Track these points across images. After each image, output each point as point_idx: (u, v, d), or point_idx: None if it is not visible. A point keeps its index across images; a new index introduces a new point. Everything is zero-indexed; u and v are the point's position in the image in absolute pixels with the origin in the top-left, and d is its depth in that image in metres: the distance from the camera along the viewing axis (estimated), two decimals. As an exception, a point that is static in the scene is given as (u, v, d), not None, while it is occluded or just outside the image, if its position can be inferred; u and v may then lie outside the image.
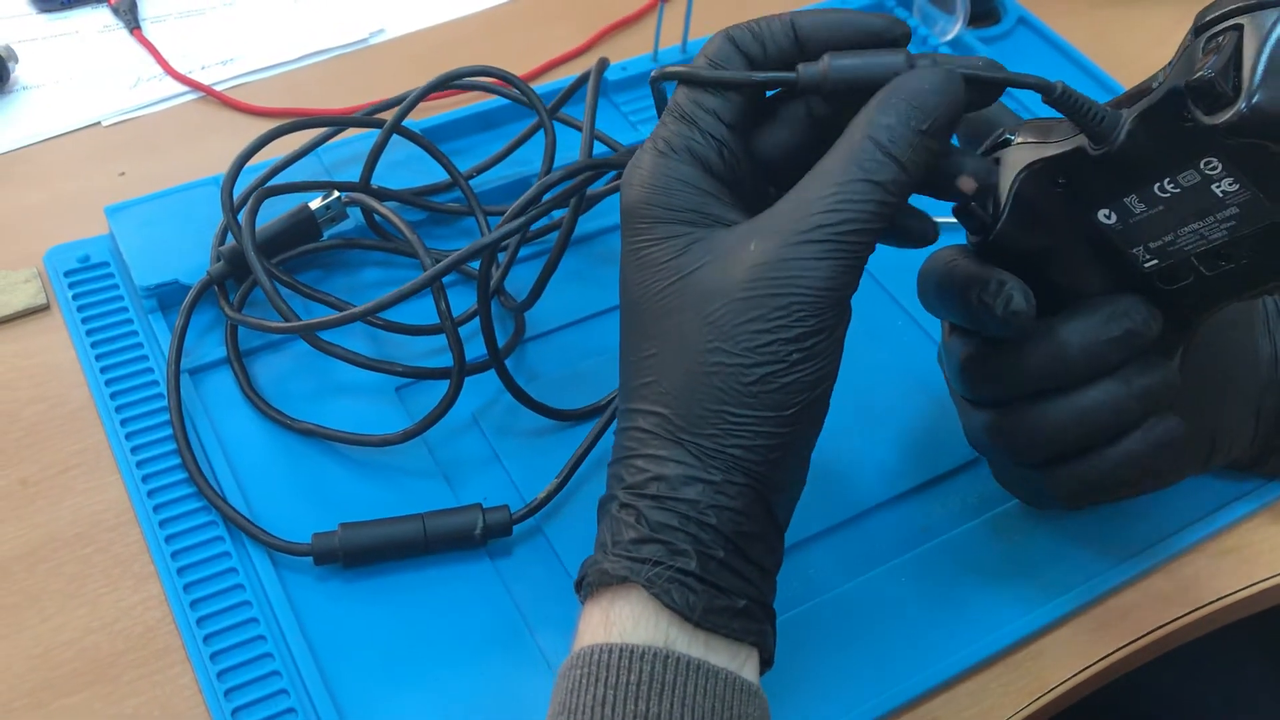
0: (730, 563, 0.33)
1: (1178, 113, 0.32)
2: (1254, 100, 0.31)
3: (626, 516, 0.33)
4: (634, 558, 0.32)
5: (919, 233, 0.37)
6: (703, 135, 0.35)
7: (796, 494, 0.35)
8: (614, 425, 0.36)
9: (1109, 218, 0.35)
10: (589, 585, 0.33)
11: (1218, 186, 0.33)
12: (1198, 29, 0.34)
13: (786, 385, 0.32)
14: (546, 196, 0.44)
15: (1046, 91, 0.33)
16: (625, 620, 0.32)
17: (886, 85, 0.33)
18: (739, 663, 0.33)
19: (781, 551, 0.35)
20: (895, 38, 0.35)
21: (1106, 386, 0.37)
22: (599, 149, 0.54)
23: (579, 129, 0.52)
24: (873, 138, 0.32)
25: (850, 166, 0.32)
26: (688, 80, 0.35)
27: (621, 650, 0.31)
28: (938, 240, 0.37)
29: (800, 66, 0.35)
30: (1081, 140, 0.35)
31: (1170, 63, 0.34)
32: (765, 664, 0.34)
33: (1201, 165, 0.33)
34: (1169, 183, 0.34)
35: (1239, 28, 0.32)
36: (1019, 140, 0.36)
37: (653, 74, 0.37)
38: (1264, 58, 0.31)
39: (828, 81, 0.34)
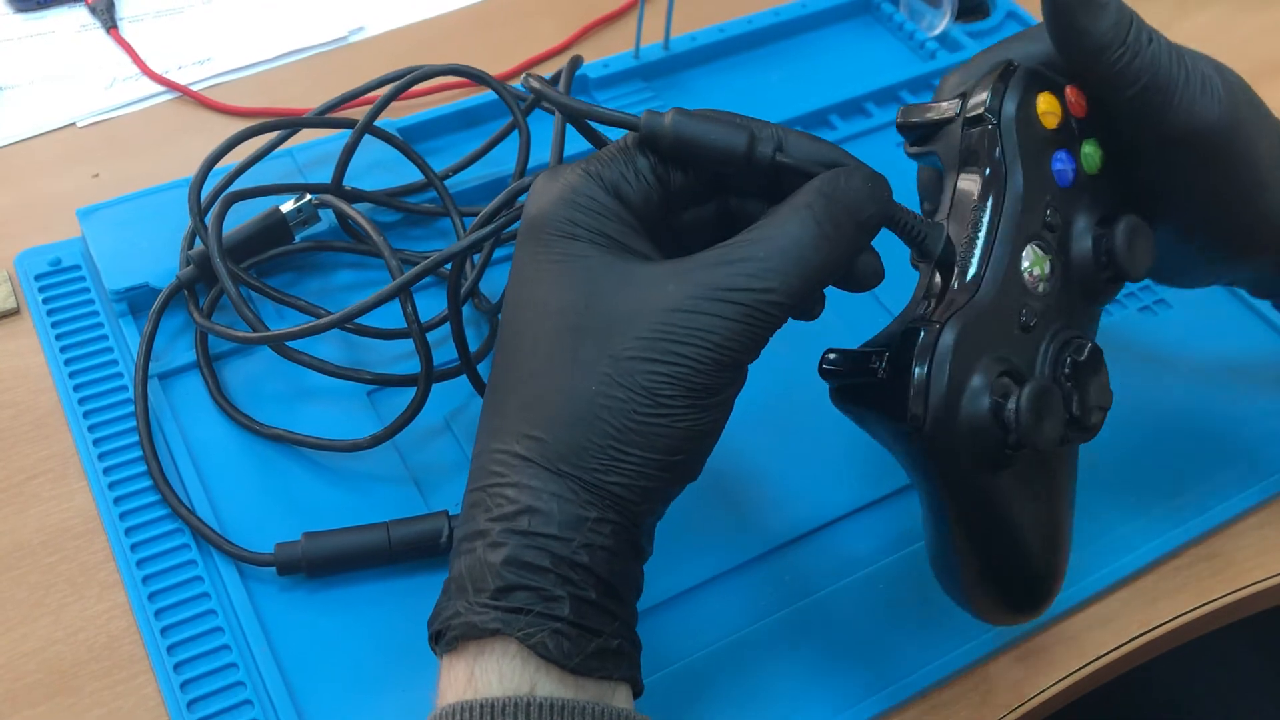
0: (601, 602, 0.31)
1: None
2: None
3: (492, 557, 0.31)
4: (503, 607, 0.30)
5: (870, 272, 0.35)
6: (635, 176, 0.34)
7: (654, 526, 0.35)
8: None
9: None
10: (452, 639, 0.31)
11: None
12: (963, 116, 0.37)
13: (678, 432, 0.31)
14: (521, 200, 0.44)
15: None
16: (491, 674, 0.30)
17: (840, 169, 0.34)
18: (609, 696, 0.31)
19: (642, 580, 0.34)
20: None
21: None
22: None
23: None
24: (817, 220, 0.32)
25: (787, 241, 0.32)
26: (546, 98, 0.36)
27: (484, 706, 0.29)
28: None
29: (645, 113, 0.35)
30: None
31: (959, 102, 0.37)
32: (636, 694, 0.33)
33: None
34: None
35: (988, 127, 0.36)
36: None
37: (528, 80, 0.37)
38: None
39: (668, 135, 0.34)
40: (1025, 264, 0.35)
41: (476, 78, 0.52)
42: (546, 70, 0.62)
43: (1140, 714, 0.56)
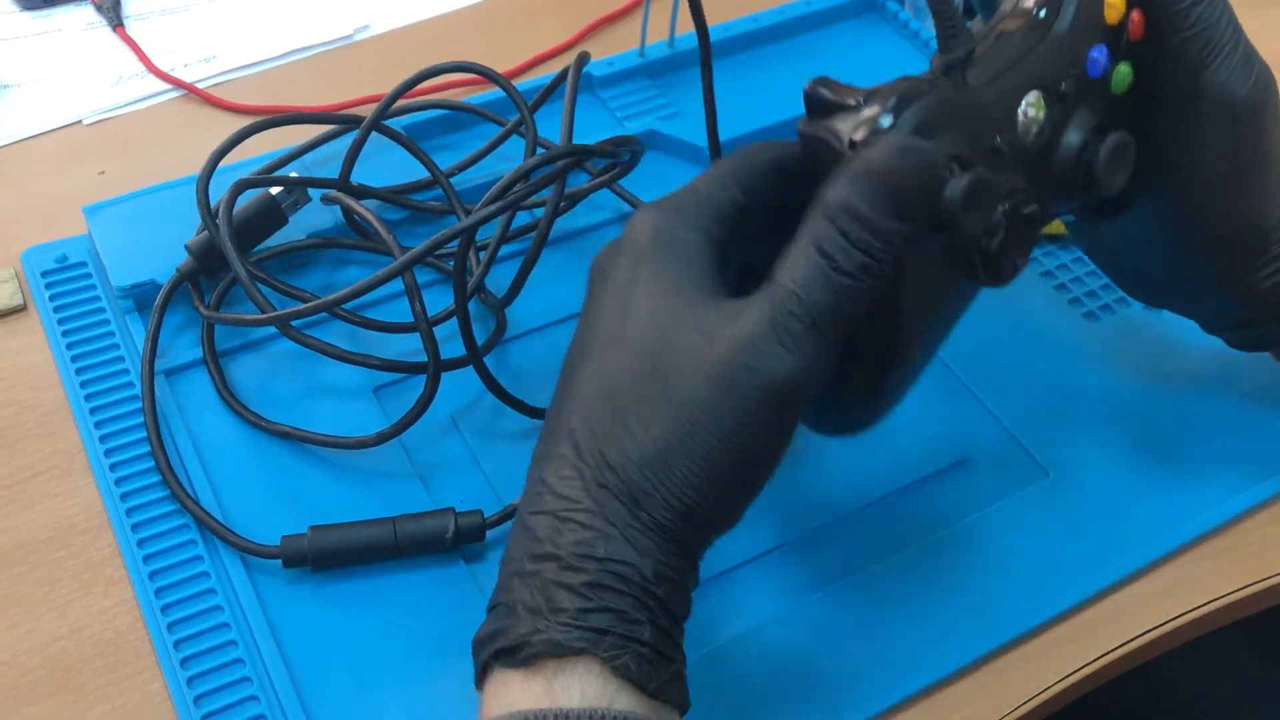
0: (670, 630, 0.32)
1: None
2: None
3: (570, 579, 0.31)
4: (587, 627, 0.31)
5: None
6: (731, 209, 0.35)
7: None
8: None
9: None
10: (529, 655, 0.31)
11: None
12: None
13: (748, 472, 0.33)
14: (532, 177, 0.44)
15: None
16: (572, 690, 0.31)
17: (845, 160, 0.33)
18: (672, 718, 0.33)
19: (690, 609, 0.34)
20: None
21: None
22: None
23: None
24: (835, 220, 0.32)
25: (812, 254, 0.32)
26: None
27: (558, 715, 0.30)
28: None
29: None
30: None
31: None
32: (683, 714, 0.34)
33: None
34: None
35: None
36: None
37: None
38: None
39: None
40: (1027, 100, 0.36)
41: (484, 75, 0.52)
42: (553, 68, 0.62)
43: (1145, 712, 0.56)
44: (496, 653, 0.32)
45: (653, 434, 0.32)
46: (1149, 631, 0.42)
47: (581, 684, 0.31)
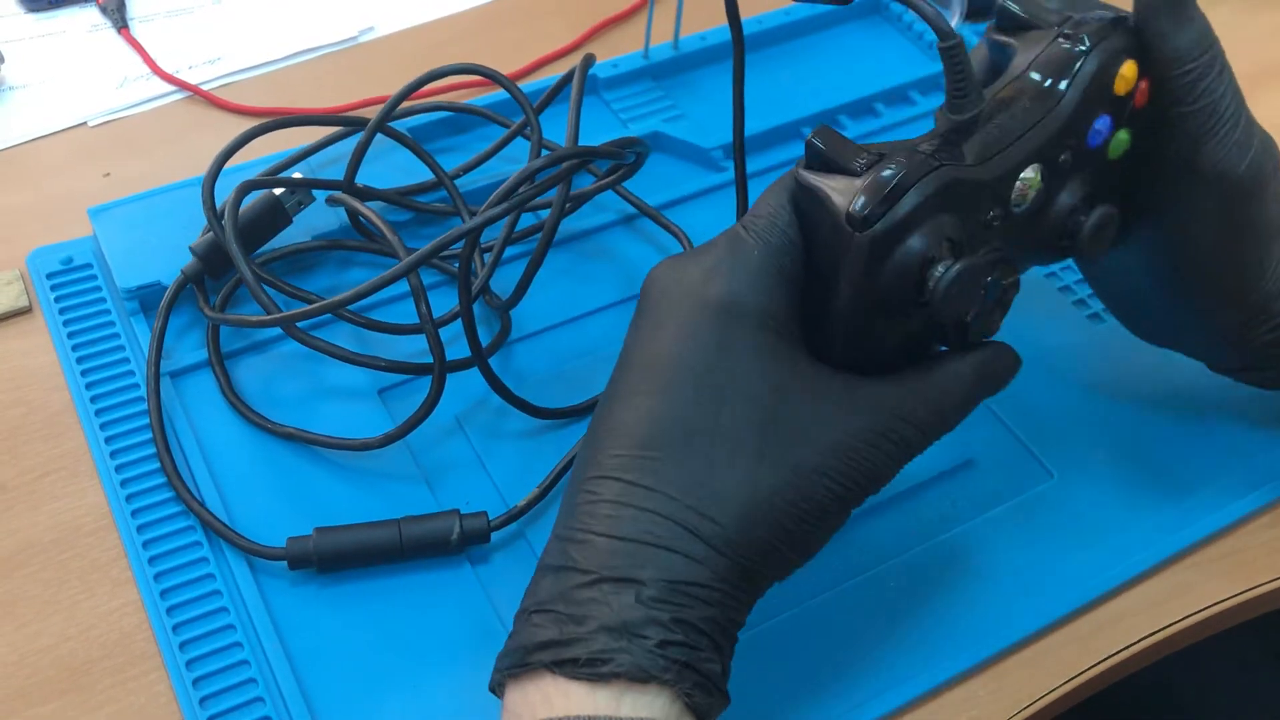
0: (727, 666, 0.34)
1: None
2: None
3: (657, 611, 0.32)
4: (671, 659, 0.32)
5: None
6: (793, 249, 0.36)
7: None
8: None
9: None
10: (609, 674, 0.32)
11: None
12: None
13: (824, 537, 0.35)
14: (537, 179, 0.44)
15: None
16: (641, 710, 0.32)
17: (986, 354, 0.37)
18: None
19: None
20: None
21: None
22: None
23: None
24: (973, 392, 0.37)
25: (950, 401, 0.36)
26: None
27: None
28: None
29: None
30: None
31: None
32: None
33: None
34: None
35: None
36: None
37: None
38: None
39: None
40: (1025, 174, 0.37)
41: (489, 76, 0.52)
42: (557, 69, 0.62)
43: (1149, 715, 0.56)
44: (560, 661, 0.32)
45: (762, 494, 0.33)
46: (1153, 634, 0.42)
47: (650, 707, 0.32)
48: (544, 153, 0.52)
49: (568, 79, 0.55)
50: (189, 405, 0.47)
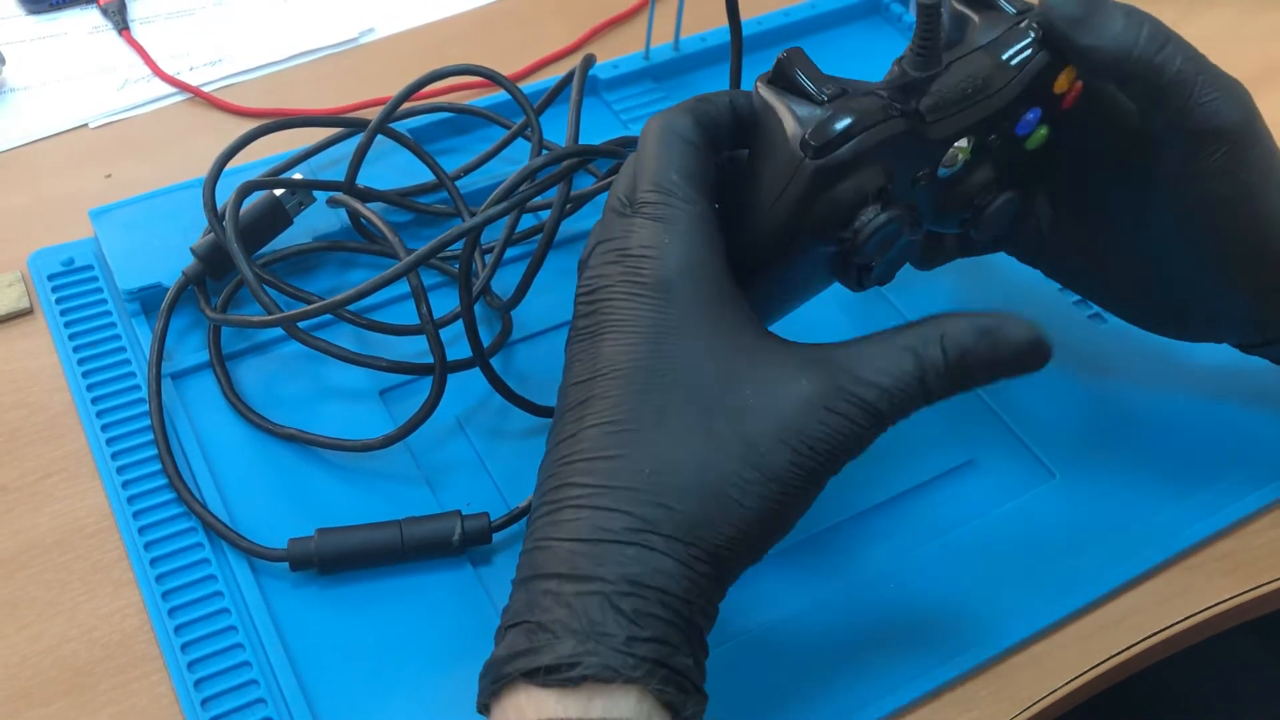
0: (703, 659, 0.34)
1: None
2: None
3: (621, 604, 0.32)
4: (639, 656, 0.32)
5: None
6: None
7: None
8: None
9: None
10: (578, 676, 0.31)
11: None
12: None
13: (794, 513, 0.35)
14: (538, 177, 0.44)
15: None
16: (611, 711, 0.31)
17: (990, 319, 0.35)
18: None
19: None
20: None
21: None
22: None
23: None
24: (947, 350, 0.34)
25: (911, 360, 0.34)
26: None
27: None
28: None
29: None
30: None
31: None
32: None
33: None
34: None
35: None
36: None
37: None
38: None
39: None
40: (960, 142, 0.38)
41: (490, 77, 0.52)
42: (558, 70, 0.62)
43: (1152, 715, 0.56)
44: (530, 670, 0.32)
45: (714, 474, 0.33)
46: (1155, 635, 0.42)
47: (620, 707, 0.31)
48: (544, 153, 0.52)
49: (568, 80, 0.55)
50: (190, 406, 0.47)
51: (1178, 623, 0.43)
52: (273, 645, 0.40)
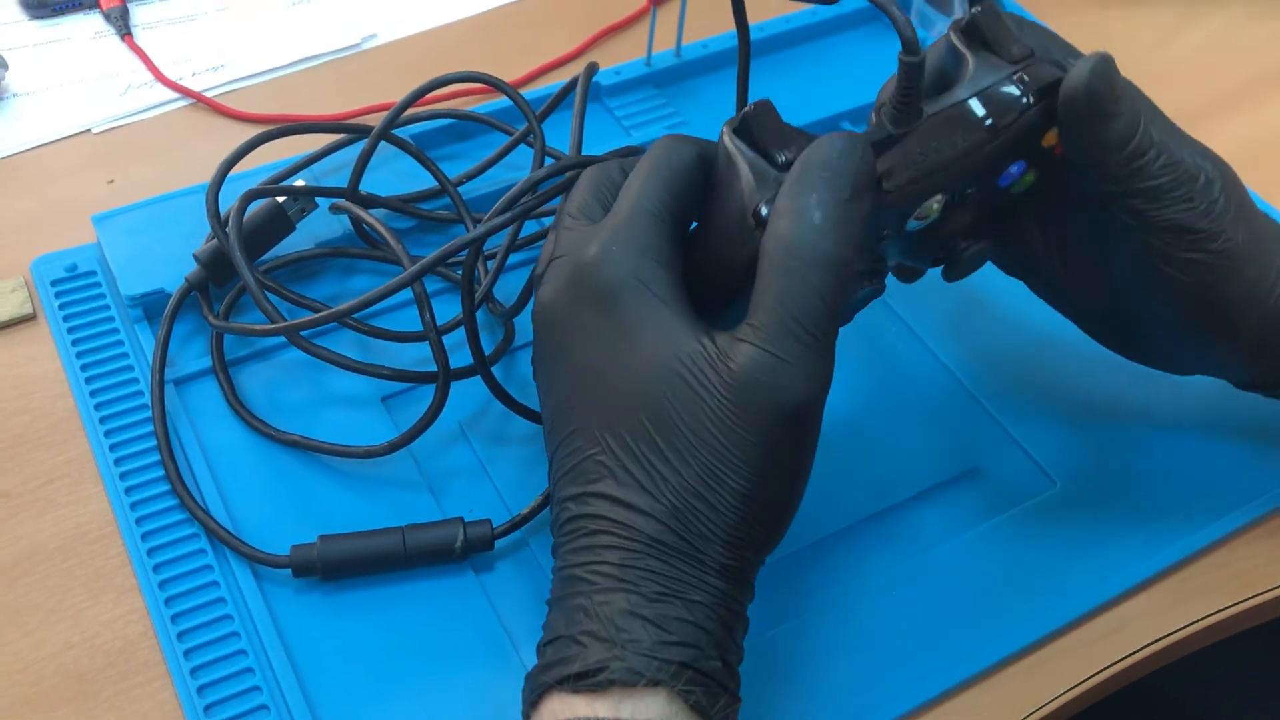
0: (732, 661, 0.34)
1: None
2: None
3: (646, 612, 0.33)
4: (665, 660, 0.32)
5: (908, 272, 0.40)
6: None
7: None
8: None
9: None
10: (605, 680, 0.32)
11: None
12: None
13: (787, 503, 0.35)
14: (540, 188, 0.44)
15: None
16: (639, 714, 0.32)
17: (795, 164, 0.34)
18: None
19: None
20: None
21: None
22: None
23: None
24: (805, 219, 0.33)
25: (792, 258, 0.33)
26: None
27: None
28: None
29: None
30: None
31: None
32: None
33: None
34: None
35: None
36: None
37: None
38: None
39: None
40: (933, 201, 0.38)
41: (493, 84, 0.52)
42: (559, 77, 0.62)
43: (1152, 720, 0.56)
44: (563, 678, 0.33)
45: (689, 475, 0.33)
46: (1155, 643, 0.42)
47: (649, 708, 0.32)
48: (547, 160, 0.52)
49: (571, 87, 0.55)
50: (193, 412, 0.47)
51: (1177, 630, 0.43)
52: (275, 652, 0.40)
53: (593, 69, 0.52)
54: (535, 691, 0.34)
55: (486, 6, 0.67)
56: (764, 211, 0.35)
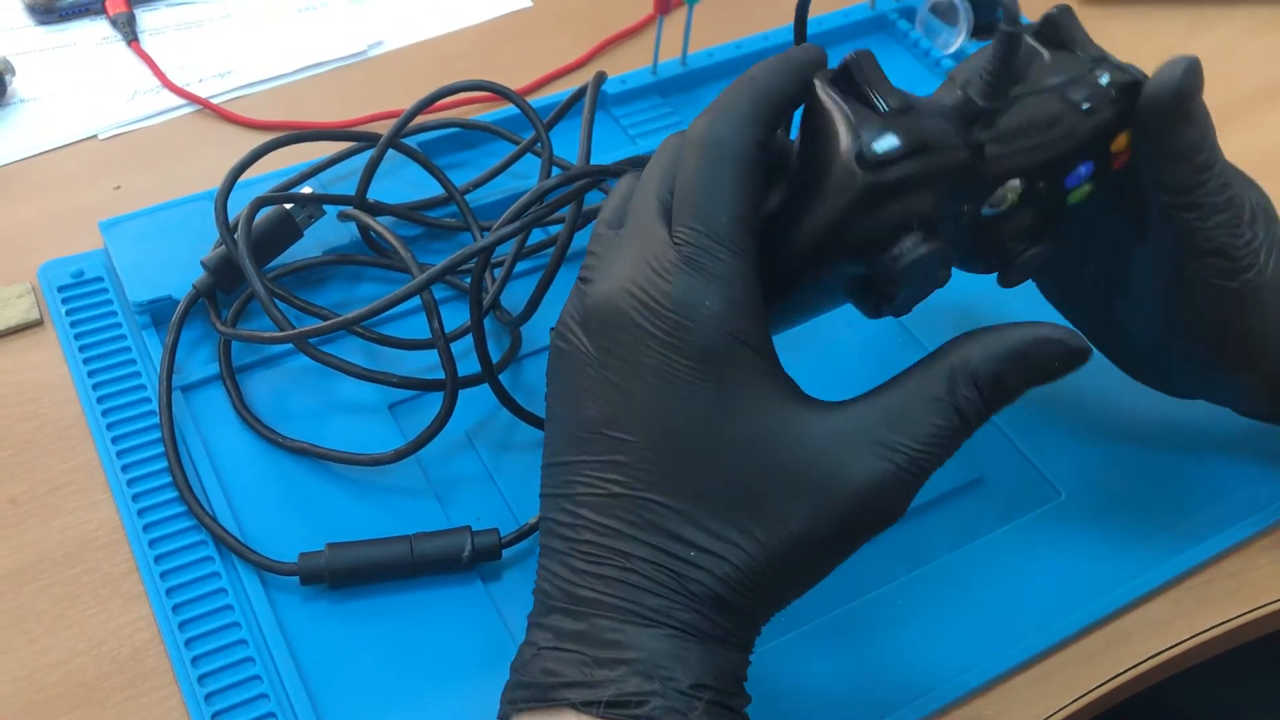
0: (746, 702, 0.35)
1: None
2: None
3: (685, 653, 0.32)
4: (704, 700, 0.32)
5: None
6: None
7: None
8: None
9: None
10: (645, 713, 0.32)
11: None
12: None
13: (825, 570, 0.35)
14: (548, 198, 0.44)
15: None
16: None
17: (1009, 329, 0.34)
18: None
19: None
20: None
21: None
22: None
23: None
24: (981, 388, 0.33)
25: (945, 412, 0.33)
26: None
27: None
28: None
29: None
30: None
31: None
32: None
33: None
34: None
35: None
36: None
37: None
38: None
39: None
40: (1009, 185, 0.37)
41: (500, 93, 0.52)
42: (565, 85, 0.62)
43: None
44: (589, 702, 0.32)
45: (758, 552, 0.33)
46: (1161, 653, 0.43)
47: None
48: (555, 170, 0.52)
49: (578, 96, 0.55)
50: (200, 419, 0.47)
51: (1181, 642, 0.43)
52: (283, 659, 0.40)
53: (601, 77, 0.52)
54: (538, 702, 0.33)
55: (493, 15, 0.67)
56: (870, 149, 0.33)
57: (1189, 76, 0.37)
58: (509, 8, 0.67)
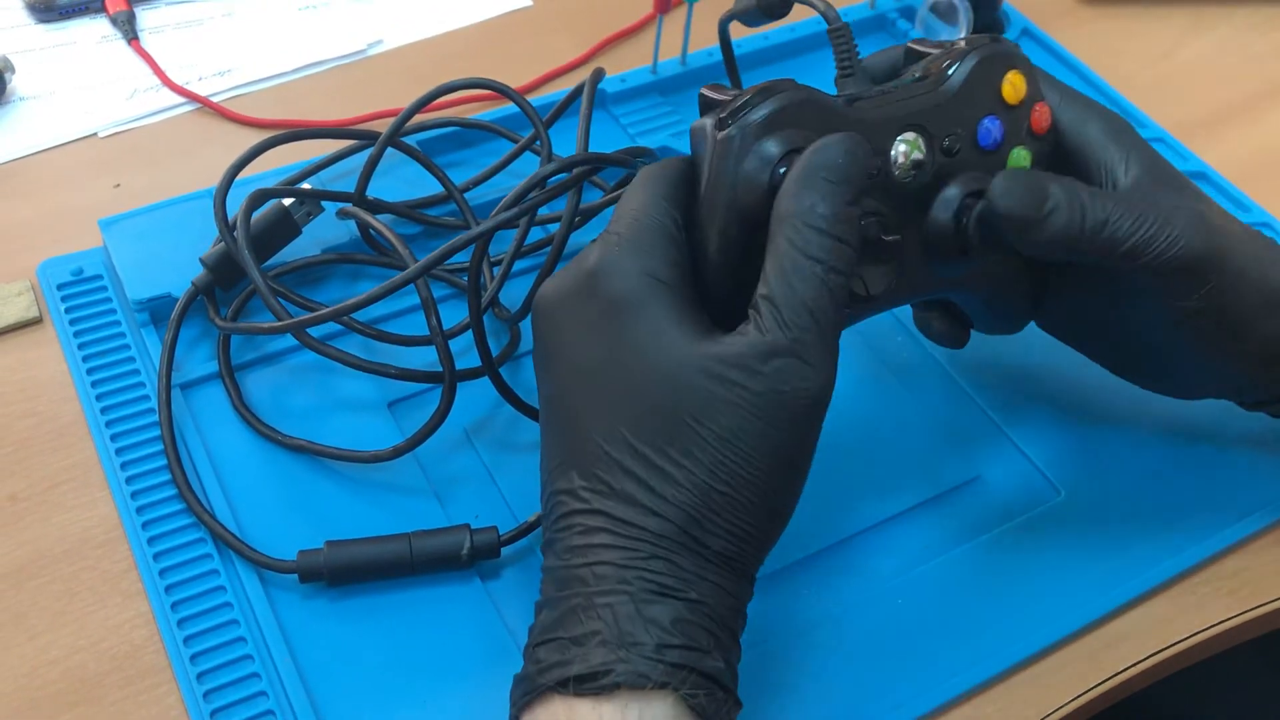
0: (735, 662, 0.34)
1: None
2: None
3: (649, 613, 0.33)
4: (669, 662, 0.32)
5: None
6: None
7: None
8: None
9: None
10: (611, 684, 0.32)
11: None
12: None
13: (794, 496, 0.35)
14: (548, 184, 0.44)
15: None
16: (648, 718, 0.32)
17: (797, 164, 0.35)
18: None
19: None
20: None
21: None
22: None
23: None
24: (808, 224, 0.34)
25: (799, 259, 0.34)
26: None
27: None
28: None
29: None
30: None
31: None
32: None
33: None
34: None
35: None
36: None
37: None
38: None
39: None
40: (903, 137, 0.38)
41: (501, 91, 0.52)
42: (565, 84, 0.62)
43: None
44: (564, 680, 0.32)
45: (700, 472, 0.33)
46: (1159, 653, 0.43)
47: (655, 712, 0.32)
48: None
49: (577, 94, 0.55)
50: (199, 417, 0.47)
51: (1180, 641, 0.43)
52: (281, 657, 0.40)
53: (599, 75, 0.52)
54: (530, 694, 0.33)
55: (493, 14, 0.67)
56: (718, 115, 0.36)
57: (1011, 199, 0.38)
58: (509, 7, 0.68)
